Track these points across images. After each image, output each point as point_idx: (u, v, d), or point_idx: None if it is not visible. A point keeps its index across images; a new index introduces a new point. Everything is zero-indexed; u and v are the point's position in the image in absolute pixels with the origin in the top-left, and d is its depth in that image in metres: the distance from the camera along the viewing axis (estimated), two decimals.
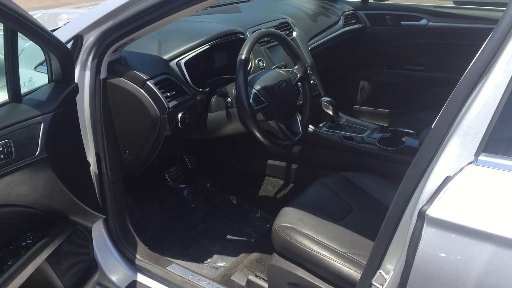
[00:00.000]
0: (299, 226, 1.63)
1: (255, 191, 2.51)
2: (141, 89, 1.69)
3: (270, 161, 2.44)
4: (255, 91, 1.79)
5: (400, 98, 3.06)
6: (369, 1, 3.09)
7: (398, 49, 3.04)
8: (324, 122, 2.35)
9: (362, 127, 2.33)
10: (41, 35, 1.27)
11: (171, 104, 1.72)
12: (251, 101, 1.76)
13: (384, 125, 2.96)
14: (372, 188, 1.88)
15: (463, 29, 2.76)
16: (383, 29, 3.02)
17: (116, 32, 1.62)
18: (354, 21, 2.99)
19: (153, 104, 1.69)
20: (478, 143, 1.01)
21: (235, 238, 2.27)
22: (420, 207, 1.04)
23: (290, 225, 1.63)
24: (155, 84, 1.70)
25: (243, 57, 1.72)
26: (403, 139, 2.14)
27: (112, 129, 1.79)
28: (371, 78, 3.21)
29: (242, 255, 2.10)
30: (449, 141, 1.04)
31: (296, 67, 1.99)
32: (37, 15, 2.77)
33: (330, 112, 2.24)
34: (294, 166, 2.38)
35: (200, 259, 2.12)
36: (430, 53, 2.95)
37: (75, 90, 1.47)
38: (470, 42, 2.74)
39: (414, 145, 2.11)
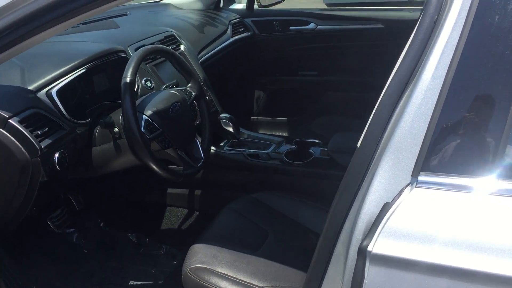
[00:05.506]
0: (212, 265, 1.45)
1: (156, 225, 2.24)
2: (3, 129, 1.37)
3: (170, 190, 2.20)
4: (146, 117, 1.55)
5: (297, 105, 2.97)
6: (254, 8, 2.96)
7: (289, 55, 2.96)
8: (225, 141, 2.15)
9: (266, 141, 2.17)
10: None
11: (44, 144, 1.41)
12: (142, 129, 1.52)
13: (286, 135, 2.86)
14: (285, 208, 1.74)
15: (352, 30, 2.74)
16: (272, 36, 2.91)
17: None
18: (242, 29, 2.85)
19: (20, 146, 1.37)
20: (415, 161, 0.88)
21: (139, 283, 1.99)
22: (359, 242, 0.89)
23: (203, 266, 1.45)
24: (20, 121, 1.38)
25: (127, 79, 1.48)
26: (310, 150, 2.03)
27: None
28: (265, 87, 3.09)
29: None
30: (381, 162, 0.90)
31: (189, 85, 1.78)
32: None
33: (231, 129, 2.06)
34: (197, 192, 2.16)
35: None
36: (322, 57, 2.90)
37: None
38: (361, 43, 2.73)
39: (323, 156, 2.01)
